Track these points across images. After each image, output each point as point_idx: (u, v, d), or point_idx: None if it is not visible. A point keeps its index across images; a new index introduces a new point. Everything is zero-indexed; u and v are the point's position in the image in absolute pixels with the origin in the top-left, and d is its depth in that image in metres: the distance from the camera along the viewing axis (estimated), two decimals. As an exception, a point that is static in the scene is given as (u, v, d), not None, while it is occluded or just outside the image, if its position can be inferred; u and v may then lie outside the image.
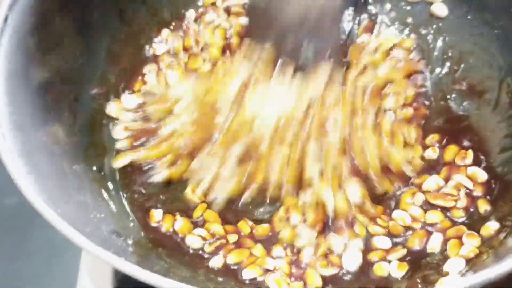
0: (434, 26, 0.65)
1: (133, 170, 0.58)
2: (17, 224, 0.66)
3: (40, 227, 0.61)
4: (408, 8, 0.67)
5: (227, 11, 0.68)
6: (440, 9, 0.65)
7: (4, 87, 0.47)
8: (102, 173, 0.57)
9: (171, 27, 0.67)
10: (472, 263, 0.49)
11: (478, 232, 0.52)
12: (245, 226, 0.54)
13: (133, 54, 0.65)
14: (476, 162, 0.57)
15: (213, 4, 0.69)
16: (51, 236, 0.61)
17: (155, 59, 0.66)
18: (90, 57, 0.60)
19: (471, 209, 0.54)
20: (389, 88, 0.60)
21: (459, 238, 0.52)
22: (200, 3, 0.69)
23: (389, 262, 0.51)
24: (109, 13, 0.62)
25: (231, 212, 0.55)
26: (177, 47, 0.66)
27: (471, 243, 0.51)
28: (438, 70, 0.64)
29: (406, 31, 0.66)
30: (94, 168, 0.56)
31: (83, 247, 0.39)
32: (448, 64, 0.64)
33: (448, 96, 0.62)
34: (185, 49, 0.66)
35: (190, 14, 0.68)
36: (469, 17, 0.64)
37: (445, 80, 0.63)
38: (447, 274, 0.49)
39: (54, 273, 0.63)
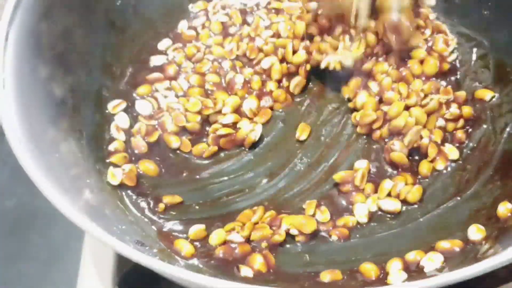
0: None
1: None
2: (17, 225, 0.66)
3: (39, 229, 0.63)
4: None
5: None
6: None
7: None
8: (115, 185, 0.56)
9: (171, 36, 0.68)
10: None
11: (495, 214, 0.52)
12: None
13: (130, 63, 0.65)
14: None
15: (205, 10, 0.70)
16: (50, 238, 0.62)
17: (159, 69, 0.66)
18: (88, 71, 0.59)
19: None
20: None
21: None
22: (191, 9, 0.71)
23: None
24: (100, 24, 0.62)
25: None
26: (179, 58, 0.66)
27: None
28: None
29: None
30: (106, 180, 0.55)
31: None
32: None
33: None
34: (188, 57, 0.66)
35: (183, 25, 0.69)
36: (456, 1, 0.66)
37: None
38: None
39: (54, 275, 0.62)
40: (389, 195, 0.55)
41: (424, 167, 0.56)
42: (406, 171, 0.56)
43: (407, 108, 0.58)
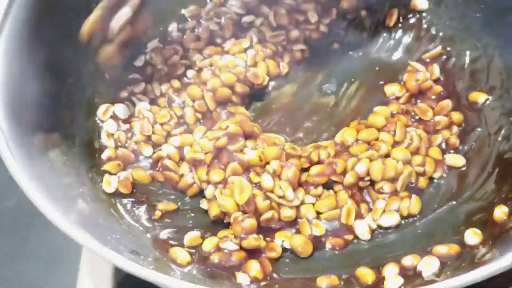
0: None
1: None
2: (17, 225, 0.66)
3: (39, 228, 0.63)
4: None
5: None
6: (421, 2, 0.67)
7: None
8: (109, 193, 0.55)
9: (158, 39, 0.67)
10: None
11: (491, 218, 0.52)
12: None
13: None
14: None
15: (197, 14, 0.69)
16: (50, 238, 0.62)
17: (138, 69, 0.65)
18: (80, 78, 0.59)
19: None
20: None
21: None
22: (184, 13, 0.70)
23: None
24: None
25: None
26: (155, 59, 0.65)
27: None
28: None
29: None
30: (99, 188, 0.55)
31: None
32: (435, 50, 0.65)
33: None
34: (166, 58, 0.65)
35: (173, 27, 0.68)
36: (448, 3, 0.66)
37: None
38: None
39: (54, 275, 0.63)
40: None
41: (420, 181, 0.56)
42: None
43: (387, 155, 0.55)
